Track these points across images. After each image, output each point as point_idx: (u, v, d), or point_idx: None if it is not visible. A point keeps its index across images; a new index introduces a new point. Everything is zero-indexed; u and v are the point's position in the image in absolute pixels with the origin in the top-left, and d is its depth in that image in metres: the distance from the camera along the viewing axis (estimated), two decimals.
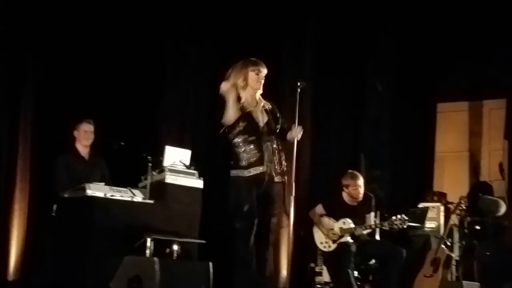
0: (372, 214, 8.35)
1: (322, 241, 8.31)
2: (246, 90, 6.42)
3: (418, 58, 10.43)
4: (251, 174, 6.31)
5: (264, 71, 6.47)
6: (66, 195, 7.32)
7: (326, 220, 8.30)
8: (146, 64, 9.41)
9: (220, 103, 6.43)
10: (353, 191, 8.25)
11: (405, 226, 8.03)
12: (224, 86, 6.41)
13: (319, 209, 8.40)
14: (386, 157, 10.42)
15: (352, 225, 8.15)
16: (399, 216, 7.99)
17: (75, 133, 7.93)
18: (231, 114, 6.33)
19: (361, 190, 8.27)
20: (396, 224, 7.97)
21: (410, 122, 10.47)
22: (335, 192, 8.47)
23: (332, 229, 8.22)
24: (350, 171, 8.40)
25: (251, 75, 6.41)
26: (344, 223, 8.19)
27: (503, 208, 9.02)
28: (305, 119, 9.85)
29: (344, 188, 8.31)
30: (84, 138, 7.92)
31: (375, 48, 10.55)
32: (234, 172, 6.35)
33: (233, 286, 6.32)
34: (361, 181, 8.28)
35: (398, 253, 8.03)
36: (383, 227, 8.16)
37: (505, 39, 9.84)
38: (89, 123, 7.93)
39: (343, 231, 8.16)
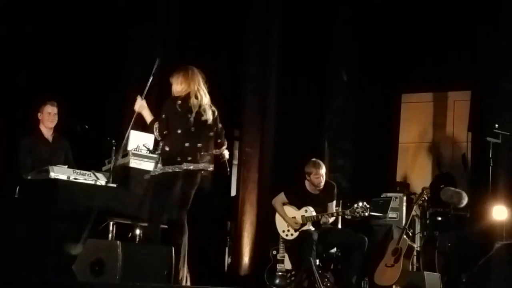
0: (334, 202, 8.36)
1: (284, 229, 8.32)
2: None
3: (383, 48, 10.47)
4: None
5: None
6: (29, 177, 7.25)
7: (288, 208, 8.30)
8: (111, 45, 9.35)
9: None
10: (315, 179, 8.25)
11: (367, 214, 8.04)
12: None
13: (282, 197, 8.40)
14: (349, 146, 10.47)
15: (314, 213, 8.16)
16: (361, 204, 7.99)
17: (39, 115, 7.85)
18: None
19: (323, 179, 8.27)
20: (358, 212, 7.98)
21: (374, 112, 10.51)
22: (298, 180, 8.48)
23: (294, 217, 8.22)
24: (313, 159, 8.39)
25: None
26: (306, 211, 8.19)
27: (465, 200, 9.06)
28: (270, 108, 9.92)
29: (307, 176, 8.31)
30: (47, 120, 7.84)
31: (340, 37, 10.58)
32: None
33: None
34: (323, 170, 8.28)
35: (360, 242, 8.06)
36: (346, 216, 8.18)
37: (471, 31, 9.91)
38: (52, 105, 7.85)
39: (305, 219, 8.17)
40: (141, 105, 6.83)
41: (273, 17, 10.18)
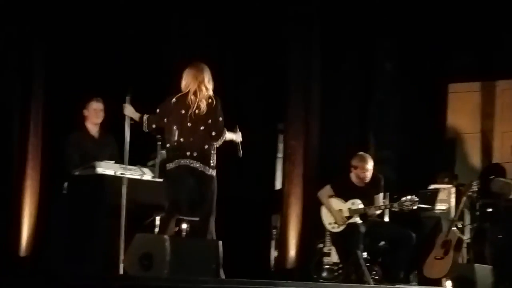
0: (381, 195, 8.31)
1: (330, 221, 8.28)
2: None
3: (428, 37, 10.34)
4: None
5: None
6: (76, 173, 7.33)
7: (335, 201, 8.26)
8: (157, 43, 9.40)
9: None
10: (361, 173, 8.20)
11: (415, 207, 7.99)
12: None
13: (328, 190, 8.35)
14: (395, 138, 10.38)
15: (361, 206, 8.11)
16: (409, 197, 7.94)
17: (85, 111, 7.88)
18: None
19: (369, 174, 8.22)
20: (406, 205, 7.92)
21: (420, 103, 10.40)
22: (344, 173, 8.43)
23: (341, 209, 8.17)
24: (360, 153, 8.33)
25: None
26: (353, 203, 8.16)
27: None
28: (314, 100, 9.87)
29: (353, 169, 8.25)
30: (94, 116, 7.87)
31: (384, 28, 10.47)
32: None
33: None
34: (369, 165, 8.22)
35: (408, 236, 8.01)
36: (393, 208, 8.15)
37: None
38: (98, 102, 7.88)
39: (352, 212, 8.13)
40: (128, 109, 7.03)
41: (314, 8, 10.12)
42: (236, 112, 8.94)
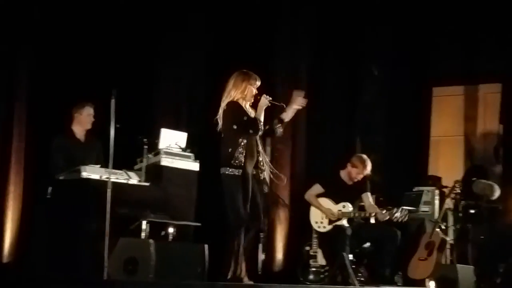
0: (369, 193, 8.34)
1: (317, 220, 8.31)
2: (240, 101, 6.76)
3: (414, 42, 10.41)
4: None
5: (259, 84, 6.81)
6: (61, 177, 7.30)
7: (325, 200, 8.30)
8: (141, 46, 9.39)
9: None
10: (356, 174, 8.27)
11: (405, 220, 8.02)
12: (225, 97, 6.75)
13: (316, 188, 8.39)
14: (381, 141, 10.42)
15: (351, 208, 8.16)
16: (399, 214, 7.95)
17: (77, 116, 7.84)
18: None
19: (361, 177, 8.30)
20: (396, 217, 7.96)
21: (405, 106, 10.46)
22: (332, 173, 8.49)
23: (330, 209, 8.22)
24: (364, 156, 8.42)
25: (251, 89, 6.75)
26: (344, 206, 8.20)
27: (497, 192, 9.03)
28: None
29: (349, 166, 8.31)
30: (87, 121, 7.85)
31: (371, 32, 10.53)
32: None
33: None
34: (368, 170, 8.31)
35: (393, 236, 8.06)
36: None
37: (501, 24, 9.83)
38: (91, 107, 7.87)
39: (342, 215, 8.17)
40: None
41: (303, 10, 10.18)
42: None
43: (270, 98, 6.75)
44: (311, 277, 8.48)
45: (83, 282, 5.84)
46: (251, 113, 6.78)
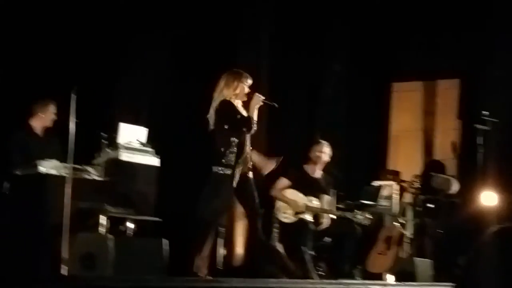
0: (332, 192, 8.39)
1: (284, 210, 8.31)
2: (232, 99, 6.86)
3: (373, 38, 10.48)
4: None
5: (250, 83, 6.95)
6: (18, 173, 7.24)
7: (291, 191, 8.31)
8: (102, 40, 9.33)
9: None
10: (318, 152, 8.36)
11: (367, 224, 8.08)
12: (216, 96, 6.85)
13: (282, 182, 8.39)
14: (341, 136, 10.47)
15: (318, 203, 8.17)
16: (362, 217, 8.03)
17: (40, 113, 7.81)
18: None
19: (325, 157, 8.38)
20: (358, 219, 8.03)
21: (365, 101, 10.53)
22: (297, 168, 8.53)
23: (296, 201, 8.23)
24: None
25: (243, 87, 6.87)
26: (310, 201, 8.22)
27: (455, 186, 9.13)
28: None
29: (310, 154, 8.39)
30: (50, 119, 7.83)
31: (331, 28, 10.58)
32: None
33: None
34: (327, 148, 8.35)
35: (352, 228, 8.10)
36: (347, 217, 8.21)
37: (459, 20, 9.93)
38: (55, 105, 7.84)
39: (308, 209, 8.19)
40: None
41: (264, 7, 10.19)
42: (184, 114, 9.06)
43: (263, 98, 6.81)
44: (271, 270, 8.49)
45: (41, 279, 5.79)
46: (243, 112, 6.84)
